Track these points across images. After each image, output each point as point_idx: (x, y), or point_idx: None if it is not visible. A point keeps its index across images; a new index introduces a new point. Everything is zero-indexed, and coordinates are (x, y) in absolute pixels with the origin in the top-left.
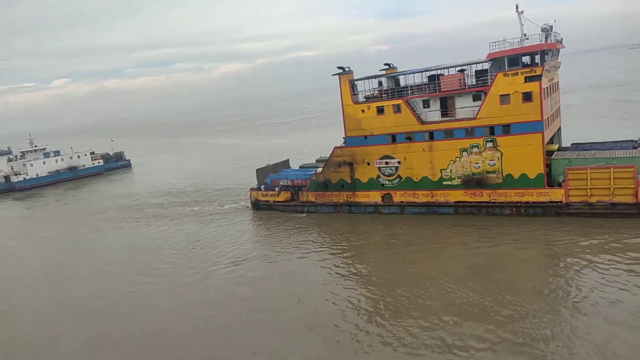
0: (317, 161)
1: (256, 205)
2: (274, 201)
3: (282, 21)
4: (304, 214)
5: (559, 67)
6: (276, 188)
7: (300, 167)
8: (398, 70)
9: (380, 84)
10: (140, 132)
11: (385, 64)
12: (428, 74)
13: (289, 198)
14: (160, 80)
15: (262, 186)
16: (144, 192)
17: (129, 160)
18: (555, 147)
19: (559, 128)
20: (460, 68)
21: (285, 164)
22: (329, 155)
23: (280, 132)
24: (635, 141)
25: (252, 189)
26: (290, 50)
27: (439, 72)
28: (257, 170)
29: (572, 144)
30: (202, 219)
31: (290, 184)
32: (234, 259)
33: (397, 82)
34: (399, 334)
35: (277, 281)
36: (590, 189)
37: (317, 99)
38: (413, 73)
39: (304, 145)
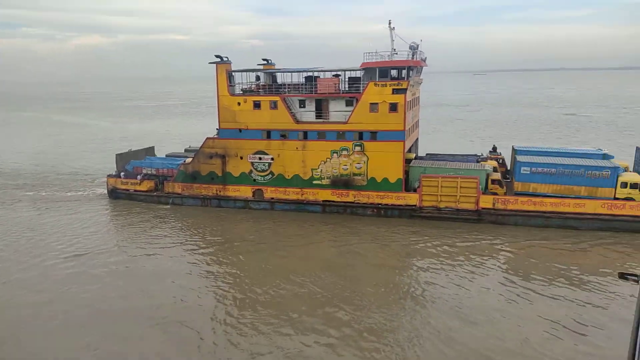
0: (186, 151)
1: (113, 194)
2: (135, 190)
3: None
4: (168, 206)
5: (421, 83)
6: (138, 176)
7: (166, 155)
8: (276, 67)
9: (257, 78)
10: None
11: (264, 59)
12: (305, 74)
13: (152, 188)
14: (1, 44)
15: (122, 173)
16: None
17: None
18: (413, 155)
19: (417, 139)
20: (335, 73)
21: (150, 151)
22: (199, 146)
23: (141, 116)
24: (479, 156)
25: (109, 176)
26: (158, 31)
27: (315, 74)
28: (117, 155)
29: (427, 154)
30: (41, 206)
31: (154, 172)
32: (77, 253)
33: (274, 78)
34: (245, 330)
35: (124, 276)
36: (440, 195)
37: (185, 86)
38: (291, 72)
39: (166, 132)
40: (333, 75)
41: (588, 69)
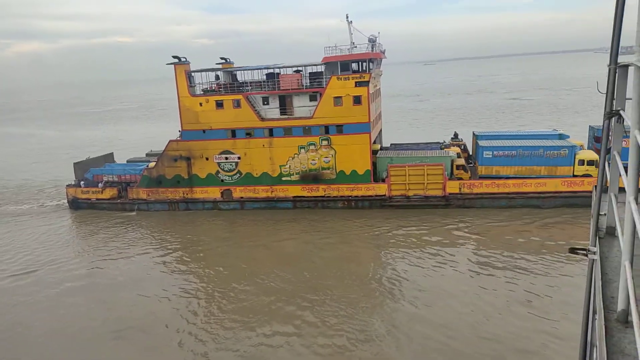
0: (148, 155)
1: (74, 204)
2: (97, 199)
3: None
4: (134, 213)
5: (381, 75)
6: (100, 184)
7: (127, 161)
8: (235, 66)
9: (217, 77)
10: None
11: (222, 58)
12: (266, 71)
13: (115, 195)
14: None
15: (82, 182)
16: None
17: None
18: (378, 146)
19: (380, 130)
20: (296, 69)
21: (109, 157)
22: (163, 149)
23: (88, 122)
24: (442, 143)
25: (68, 186)
26: (101, 34)
27: (277, 70)
28: (74, 164)
29: (391, 144)
30: None
31: (116, 179)
32: (29, 269)
33: (234, 77)
34: (205, 334)
35: (81, 290)
36: (408, 184)
37: (133, 89)
38: (252, 69)
39: (117, 138)
40: (294, 71)
41: (531, 54)
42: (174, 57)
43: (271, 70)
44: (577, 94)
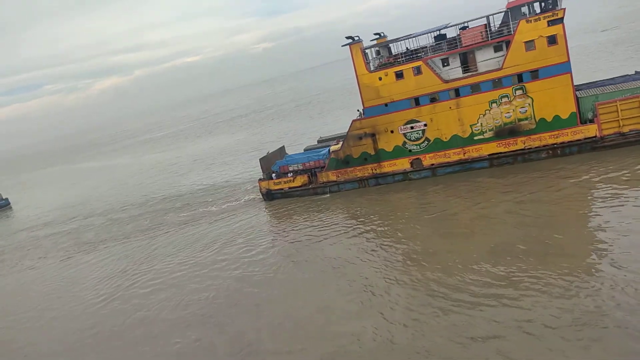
0: (319, 141)
1: (269, 196)
2: (289, 187)
3: (155, 29)
4: (327, 195)
5: None
6: (289, 174)
7: (304, 149)
8: (387, 39)
9: (378, 53)
10: (11, 167)
11: (375, 34)
12: (434, 34)
13: (306, 182)
14: (29, 106)
15: (274, 174)
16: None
17: (6, 199)
18: None
19: None
20: (462, 25)
21: (282, 150)
22: (326, 138)
23: (159, 147)
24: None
25: (260, 180)
26: (170, 58)
27: (442, 31)
28: (260, 160)
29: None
30: (205, 221)
31: (301, 167)
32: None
33: (389, 50)
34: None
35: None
36: (621, 119)
37: (200, 107)
38: (425, 33)
39: (175, 157)
40: (460, 29)
41: None
42: (347, 37)
43: (438, 32)
44: None
